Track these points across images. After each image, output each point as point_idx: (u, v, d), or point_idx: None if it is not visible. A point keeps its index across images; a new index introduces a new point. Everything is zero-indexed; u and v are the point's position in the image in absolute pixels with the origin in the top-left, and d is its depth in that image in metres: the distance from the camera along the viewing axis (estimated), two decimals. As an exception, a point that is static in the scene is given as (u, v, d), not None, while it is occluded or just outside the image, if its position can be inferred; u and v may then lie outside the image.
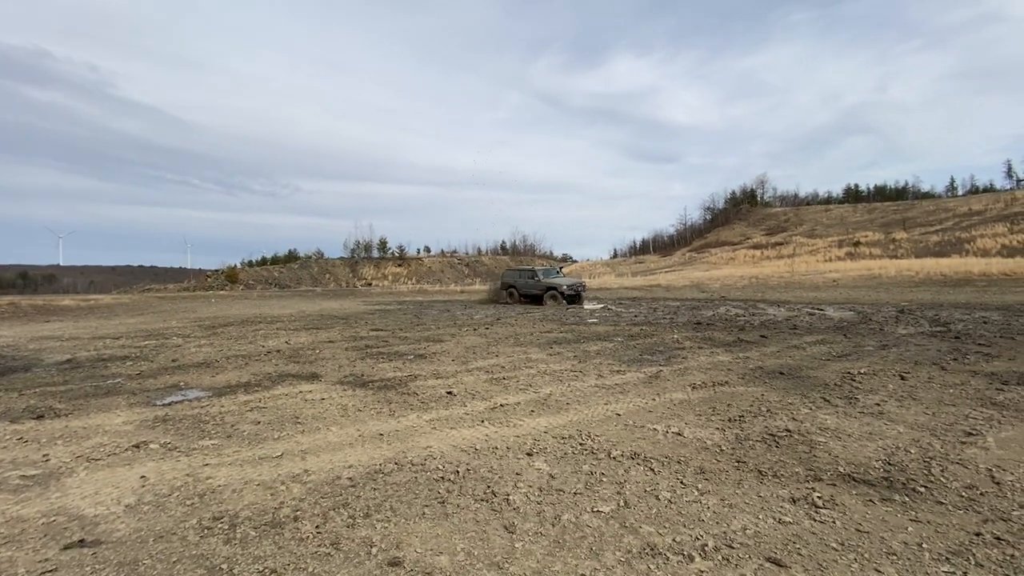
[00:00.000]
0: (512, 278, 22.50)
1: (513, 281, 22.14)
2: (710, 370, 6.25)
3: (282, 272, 64.93)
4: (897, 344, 7.91)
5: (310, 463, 3.40)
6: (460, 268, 77.69)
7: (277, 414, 4.66)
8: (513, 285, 21.91)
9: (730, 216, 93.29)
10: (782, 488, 2.85)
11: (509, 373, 6.33)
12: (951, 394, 4.80)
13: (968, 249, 44.09)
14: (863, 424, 3.96)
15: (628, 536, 2.36)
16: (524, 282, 21.50)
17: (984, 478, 2.92)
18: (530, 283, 21.10)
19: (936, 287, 24.28)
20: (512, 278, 22.50)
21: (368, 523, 2.54)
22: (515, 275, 22.65)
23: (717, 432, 3.87)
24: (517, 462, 3.35)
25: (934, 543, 2.24)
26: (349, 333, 11.27)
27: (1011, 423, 3.89)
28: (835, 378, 5.60)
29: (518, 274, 22.58)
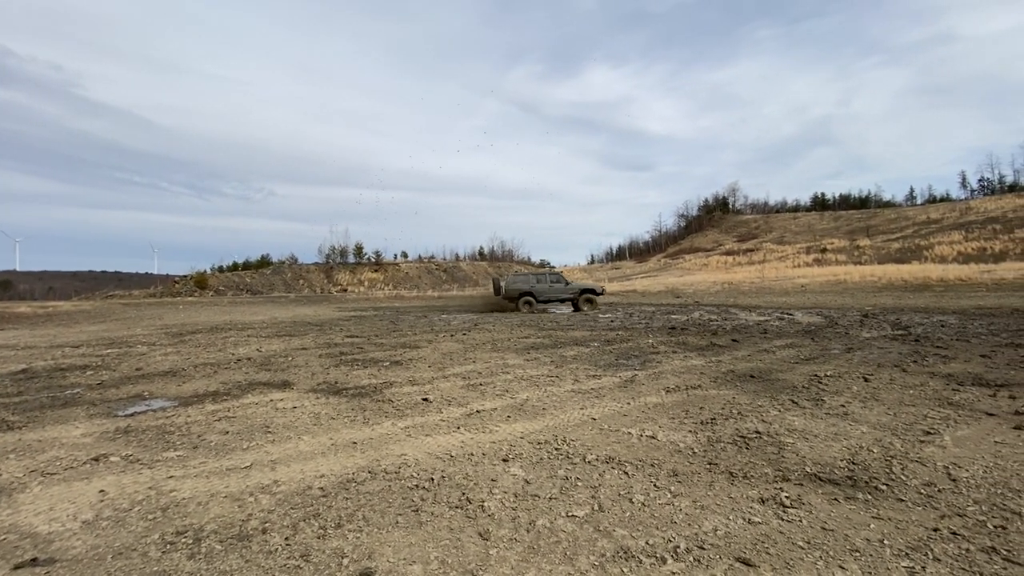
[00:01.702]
0: (528, 283, 19.75)
1: (530, 287, 19.43)
2: (684, 374, 6.35)
3: (254, 278, 63.46)
4: (861, 347, 8.19)
5: (280, 473, 3.31)
6: (438, 274, 77.27)
7: (246, 423, 4.53)
8: (530, 292, 19.22)
9: (703, 223, 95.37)
10: (752, 489, 2.91)
11: (486, 379, 6.31)
12: (911, 395, 4.98)
13: (927, 256, 46.04)
14: (829, 425, 4.08)
15: (602, 540, 2.37)
16: (546, 287, 19.39)
17: (941, 475, 3.03)
18: (556, 287, 19.40)
19: (897, 292, 25.26)
20: (528, 283, 19.75)
21: (340, 533, 2.49)
22: (531, 280, 19.94)
23: (690, 435, 3.93)
24: (493, 468, 3.33)
25: (894, 539, 2.32)
26: (323, 340, 11.08)
27: (966, 422, 4.06)
28: (803, 381, 5.76)
29: (535, 279, 19.91)
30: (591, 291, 19.91)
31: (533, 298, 19.20)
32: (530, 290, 19.34)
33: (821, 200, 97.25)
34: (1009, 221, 53.66)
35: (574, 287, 19.79)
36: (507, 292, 19.56)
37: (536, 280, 19.79)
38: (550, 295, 19.40)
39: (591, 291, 19.91)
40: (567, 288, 19.56)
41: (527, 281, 19.88)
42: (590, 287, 20.20)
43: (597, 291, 20.13)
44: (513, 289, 19.55)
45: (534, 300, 19.21)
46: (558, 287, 19.44)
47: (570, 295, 19.44)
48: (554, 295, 19.42)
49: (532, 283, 19.65)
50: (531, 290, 19.33)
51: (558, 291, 19.42)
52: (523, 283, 19.79)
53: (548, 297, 19.42)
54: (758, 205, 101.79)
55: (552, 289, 19.42)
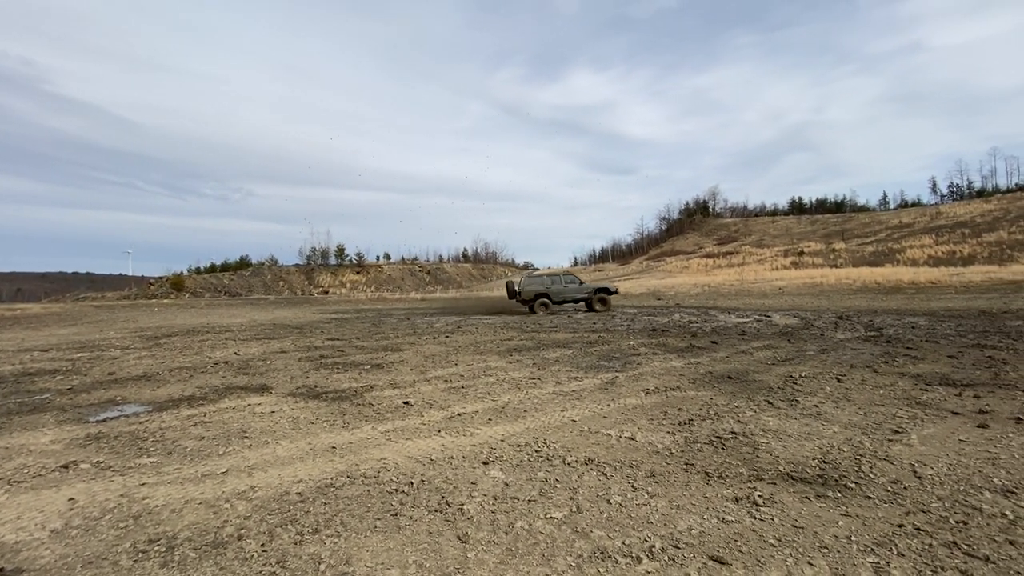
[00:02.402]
0: (543, 284, 19.62)
1: (545, 288, 19.37)
2: (663, 375, 6.44)
3: (233, 279, 62.33)
4: (835, 348, 8.39)
5: (257, 479, 3.28)
6: (421, 276, 76.87)
7: (223, 429, 4.46)
8: (546, 293, 19.20)
9: (684, 226, 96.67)
10: (726, 488, 2.98)
11: (468, 382, 6.31)
12: (881, 395, 5.13)
13: (899, 259, 47.36)
14: (802, 425, 4.18)
15: (580, 541, 2.40)
16: (561, 287, 19.42)
17: (908, 473, 3.14)
18: (570, 288, 19.46)
19: (871, 294, 25.94)
20: (543, 284, 19.62)
21: (317, 539, 2.47)
22: (546, 281, 19.84)
23: (668, 436, 3.99)
24: (473, 471, 3.34)
25: (861, 536, 2.39)
26: (303, 343, 10.95)
27: (932, 421, 4.20)
28: (779, 381, 5.89)
29: (550, 280, 19.83)
30: (605, 290, 19.83)
31: (549, 299, 19.23)
32: (546, 291, 19.35)
33: (798, 204, 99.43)
34: (977, 225, 55.55)
35: (588, 287, 19.78)
36: (523, 294, 19.51)
37: (551, 281, 19.81)
38: (565, 295, 19.45)
39: (605, 290, 19.83)
40: (581, 288, 19.60)
41: (542, 283, 19.85)
42: (604, 287, 20.09)
43: (611, 290, 20.03)
44: (529, 291, 19.48)
45: (550, 301, 19.24)
46: (572, 287, 19.53)
47: (585, 295, 19.47)
48: (569, 296, 19.48)
49: (547, 284, 19.67)
50: (547, 291, 19.35)
51: (573, 291, 19.48)
52: (538, 284, 19.74)
53: (563, 298, 19.48)
54: (738, 209, 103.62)
55: (567, 290, 19.48)
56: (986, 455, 3.38)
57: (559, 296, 19.35)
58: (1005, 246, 45.79)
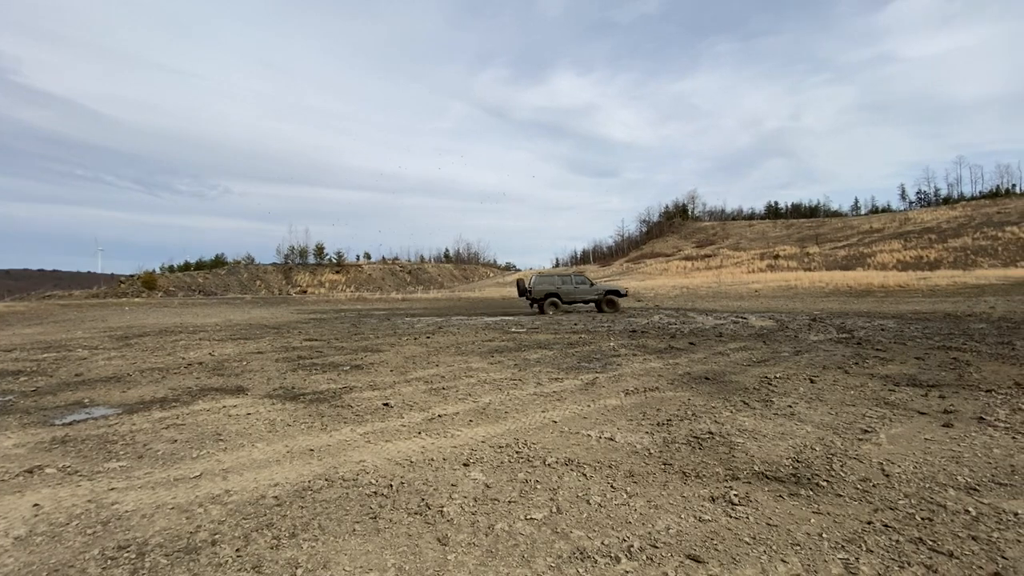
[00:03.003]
0: (553, 284, 19.70)
1: (556, 288, 19.47)
2: (642, 376, 6.51)
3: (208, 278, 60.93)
4: (809, 350, 8.60)
5: (232, 483, 3.21)
6: (402, 276, 76.28)
7: (196, 431, 4.36)
8: (556, 293, 19.30)
9: (664, 229, 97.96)
10: (703, 488, 3.03)
11: (449, 383, 6.29)
12: (852, 395, 5.28)
13: (870, 263, 48.78)
14: (777, 425, 4.28)
15: (559, 542, 2.42)
16: (571, 288, 19.52)
17: (876, 471, 3.23)
18: (580, 288, 19.62)
19: (843, 297, 26.66)
20: (553, 284, 19.70)
21: (294, 543, 2.43)
22: (556, 280, 19.90)
23: (647, 436, 4.04)
24: (453, 473, 3.33)
25: (832, 533, 2.46)
26: (280, 343, 10.76)
27: (900, 421, 4.34)
28: (754, 382, 6.01)
29: (560, 280, 19.89)
30: (615, 292, 19.85)
31: (559, 299, 19.34)
32: (556, 291, 19.42)
33: (774, 209, 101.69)
34: (943, 231, 57.54)
35: (598, 288, 19.87)
36: (533, 292, 19.55)
37: (562, 281, 19.90)
38: (575, 296, 19.58)
39: (615, 292, 19.85)
40: (591, 289, 19.70)
41: (553, 282, 19.90)
42: (613, 288, 20.12)
43: (621, 292, 20.06)
44: (539, 290, 19.52)
45: (560, 301, 19.36)
46: (583, 288, 19.66)
47: (594, 296, 19.55)
48: (579, 296, 19.61)
49: (558, 284, 19.74)
50: (556, 291, 19.43)
51: (583, 292, 19.61)
52: (548, 284, 19.79)
53: (573, 298, 19.60)
54: (716, 212, 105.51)
55: (577, 290, 19.61)
56: (950, 454, 3.51)
57: (569, 296, 19.49)
58: (969, 251, 47.55)
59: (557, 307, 19.34)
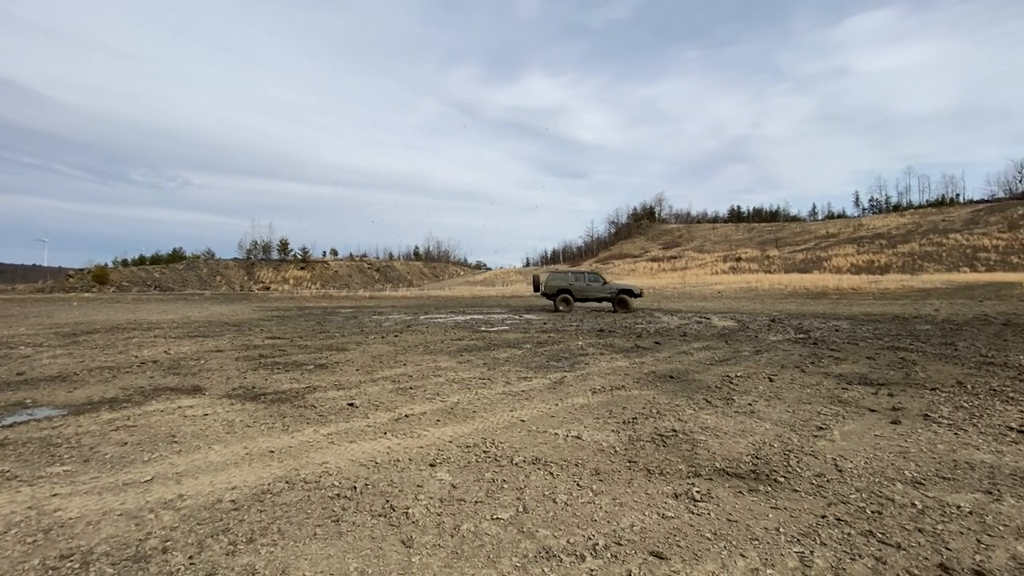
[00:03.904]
0: (566, 281, 20.02)
1: (568, 284, 19.79)
2: (609, 375, 6.59)
3: (164, 273, 58.45)
4: (768, 349, 8.90)
5: (186, 487, 3.07)
6: (370, 273, 75.03)
7: (149, 433, 4.16)
8: (568, 290, 19.62)
9: (632, 231, 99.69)
10: (667, 485, 3.08)
11: (416, 382, 6.21)
12: (808, 393, 5.48)
13: (826, 266, 50.88)
14: (737, 423, 4.40)
15: (525, 541, 2.41)
16: (583, 285, 19.63)
17: (830, 467, 3.36)
18: (593, 286, 19.55)
19: (800, 299, 27.72)
20: (566, 281, 20.02)
21: (251, 549, 2.35)
22: (569, 278, 20.16)
23: (612, 434, 4.09)
24: (419, 474, 3.29)
25: (789, 527, 2.54)
26: (241, 341, 10.41)
27: (852, 418, 4.53)
28: (716, 381, 6.17)
29: (573, 277, 20.15)
30: (628, 291, 19.34)
31: (570, 296, 19.53)
32: (568, 288, 19.66)
33: (737, 213, 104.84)
34: (893, 237, 60.56)
35: (611, 287, 19.63)
36: (546, 288, 19.94)
37: (574, 278, 20.06)
38: (587, 294, 19.61)
39: (628, 291, 19.34)
40: (604, 287, 19.57)
41: (565, 279, 20.17)
42: (627, 287, 19.63)
43: (635, 292, 19.47)
44: (552, 286, 19.91)
45: (571, 298, 19.53)
46: (595, 286, 19.63)
47: (607, 294, 19.41)
48: (591, 294, 19.59)
49: (570, 281, 19.97)
50: (568, 288, 19.65)
51: (595, 290, 19.57)
52: (561, 281, 20.09)
53: (585, 296, 19.63)
54: (682, 215, 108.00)
55: (589, 288, 19.64)
56: (898, 449, 3.68)
57: (581, 294, 19.63)
58: (916, 257, 50.20)
59: (569, 303, 19.55)
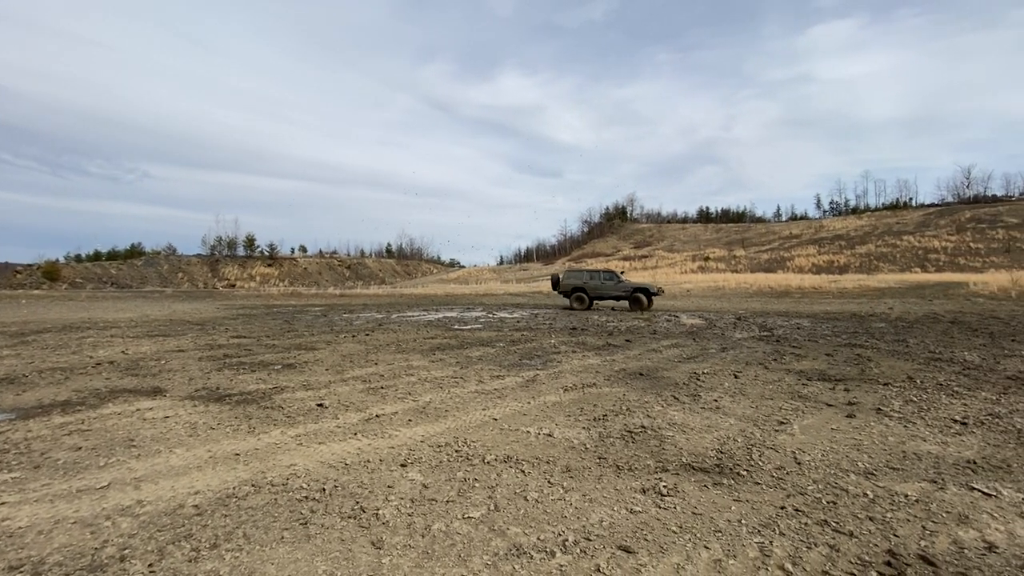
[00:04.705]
0: (580, 279, 20.02)
1: (582, 283, 19.79)
2: (581, 373, 6.67)
3: (121, 270, 56.04)
4: (734, 347, 9.16)
5: (145, 492, 2.97)
6: (340, 270, 73.67)
7: (105, 437, 4.00)
8: (582, 288, 19.62)
9: (604, 230, 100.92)
10: (635, 480, 3.15)
11: (388, 382, 6.15)
12: (770, 389, 5.68)
13: (789, 266, 52.64)
14: (703, 418, 4.53)
15: (496, 539, 2.43)
16: (598, 283, 19.50)
17: (790, 460, 3.50)
18: (607, 284, 19.34)
19: (765, 298, 28.62)
20: (580, 279, 20.02)
21: (215, 555, 2.29)
22: (584, 276, 20.13)
23: (583, 431, 4.15)
24: (390, 474, 3.26)
25: (750, 518, 2.64)
26: (204, 341, 10.09)
27: (811, 412, 4.72)
28: (684, 378, 6.32)
29: (588, 276, 20.04)
30: (644, 290, 18.94)
31: (585, 294, 19.55)
32: (582, 286, 19.70)
33: (706, 213, 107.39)
34: (852, 239, 63.11)
35: (626, 285, 19.29)
36: (561, 286, 20.09)
37: (589, 277, 20.03)
38: (601, 291, 19.50)
39: (644, 290, 18.94)
40: (619, 286, 19.32)
41: (580, 277, 20.19)
42: (643, 285, 19.26)
43: (651, 290, 18.95)
44: (567, 284, 20.03)
45: (586, 296, 19.54)
46: (609, 284, 19.47)
47: (622, 292, 19.17)
48: (605, 292, 19.46)
49: (585, 279, 19.96)
50: (583, 286, 19.68)
51: (609, 288, 19.42)
52: (576, 279, 20.13)
53: (599, 294, 19.54)
54: (653, 215, 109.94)
55: (604, 286, 19.52)
56: (852, 442, 3.86)
57: (595, 292, 19.59)
58: (873, 257, 52.45)
59: (583, 301, 19.59)
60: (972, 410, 4.70)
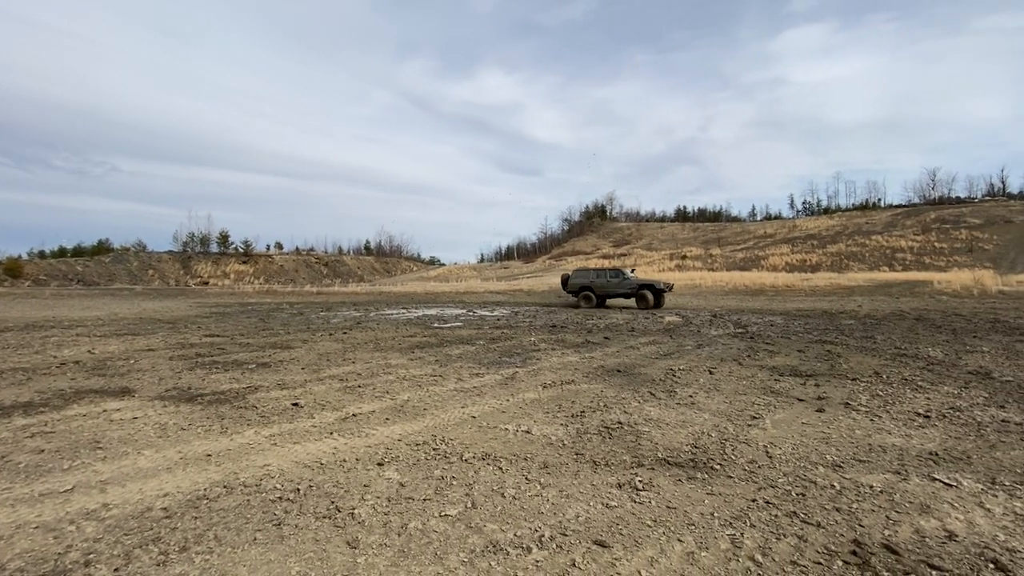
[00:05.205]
0: (587, 278, 20.24)
1: (589, 281, 19.99)
2: (560, 370, 6.71)
3: (88, 266, 54.19)
4: (709, 344, 9.33)
5: (112, 495, 2.89)
6: (318, 268, 72.55)
7: (69, 439, 3.87)
8: (589, 287, 19.82)
9: (584, 228, 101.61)
10: (611, 475, 3.19)
11: (365, 380, 6.09)
12: (744, 385, 5.80)
13: (763, 265, 53.80)
14: (679, 414, 4.60)
15: (473, 536, 2.43)
16: (603, 282, 19.58)
17: (761, 453, 3.58)
18: (612, 282, 19.35)
19: (740, 295, 29.20)
20: (587, 278, 20.24)
21: (185, 557, 2.24)
22: (591, 275, 20.35)
23: (561, 428, 4.17)
24: (366, 473, 3.23)
25: (722, 511, 2.69)
26: (176, 339, 9.83)
27: (782, 407, 4.84)
28: (661, 374, 6.41)
29: (594, 274, 20.24)
30: (649, 286, 18.65)
31: (591, 293, 19.74)
32: (588, 285, 19.94)
33: (683, 213, 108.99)
34: (823, 238, 64.79)
35: (632, 282, 19.08)
36: (569, 286, 20.55)
37: (595, 275, 20.22)
38: (607, 290, 19.56)
39: (649, 286, 18.65)
40: (624, 283, 19.23)
41: (586, 276, 20.43)
42: (649, 282, 18.99)
43: (657, 286, 18.69)
44: (575, 284, 20.41)
45: (592, 295, 19.71)
46: (615, 282, 19.47)
47: (627, 290, 19.10)
48: (611, 290, 19.49)
49: (591, 278, 20.15)
50: (589, 285, 19.92)
51: (615, 286, 19.41)
52: (583, 278, 20.41)
53: (605, 292, 19.60)
54: (632, 214, 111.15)
55: (609, 284, 19.57)
56: (821, 435, 3.97)
57: (601, 290, 19.70)
58: (843, 256, 53.94)
59: (589, 300, 19.75)
60: (935, 404, 4.88)
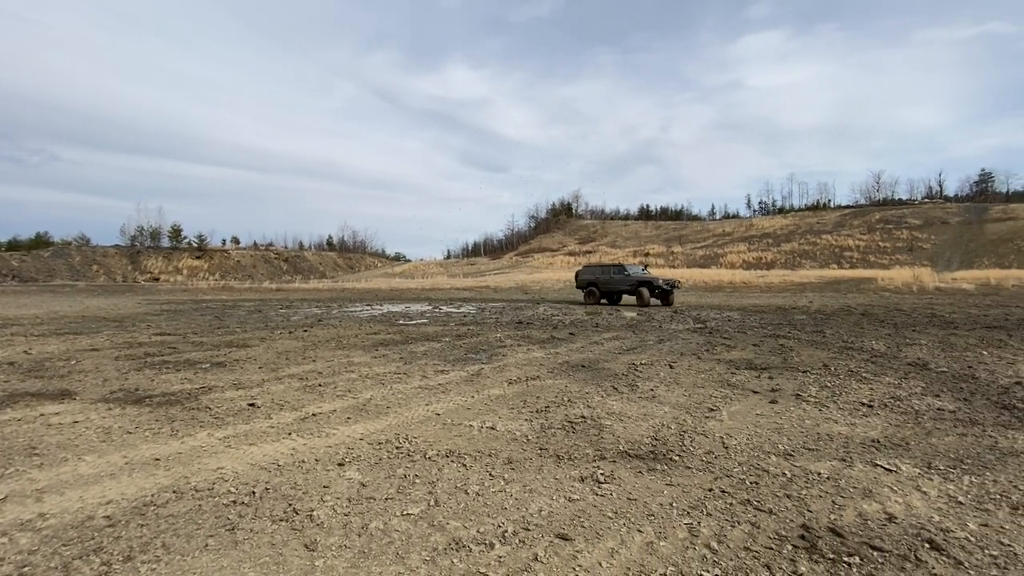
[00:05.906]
0: (593, 275, 20.99)
1: (595, 278, 20.71)
2: (525, 366, 6.74)
3: (24, 261, 50.77)
4: (670, 338, 9.57)
5: (49, 504, 2.71)
6: (277, 264, 70.33)
7: (2, 446, 3.62)
8: (595, 283, 20.48)
9: (550, 225, 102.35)
10: (574, 469, 3.22)
11: (327, 379, 5.94)
12: (702, 378, 5.98)
13: (722, 262, 55.60)
14: (640, 407, 4.70)
15: (435, 534, 2.41)
16: (608, 278, 20.02)
17: (718, 444, 3.70)
18: (615, 279, 19.63)
19: (700, 292, 30.10)
20: (593, 275, 20.99)
21: (129, 568, 2.13)
22: (596, 271, 21.12)
23: (526, 423, 4.19)
24: (326, 474, 3.16)
25: (680, 501, 2.76)
26: (123, 339, 9.33)
27: (738, 399, 5.01)
28: (623, 369, 6.53)
29: (600, 271, 21.01)
30: (647, 283, 18.42)
31: (596, 288, 20.47)
32: (594, 281, 20.72)
33: (646, 211, 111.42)
34: (778, 237, 67.45)
35: (632, 279, 19.10)
36: (578, 282, 21.60)
37: (601, 272, 21.02)
38: (611, 285, 19.96)
39: (647, 283, 18.42)
40: (625, 279, 19.38)
41: (593, 273, 21.35)
42: (647, 278, 18.76)
43: (655, 283, 18.42)
44: (582, 280, 21.44)
45: (597, 290, 20.42)
46: (617, 278, 19.78)
47: (627, 287, 19.21)
48: (614, 286, 19.80)
49: (597, 275, 20.97)
50: (595, 281, 20.70)
51: (617, 282, 19.70)
52: (589, 275, 21.39)
53: (609, 288, 19.96)
54: (597, 212, 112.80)
55: (612, 280, 19.98)
56: (774, 425, 4.13)
57: (605, 286, 20.22)
58: (796, 255, 56.33)
59: (594, 295, 20.50)
60: (877, 394, 5.16)
